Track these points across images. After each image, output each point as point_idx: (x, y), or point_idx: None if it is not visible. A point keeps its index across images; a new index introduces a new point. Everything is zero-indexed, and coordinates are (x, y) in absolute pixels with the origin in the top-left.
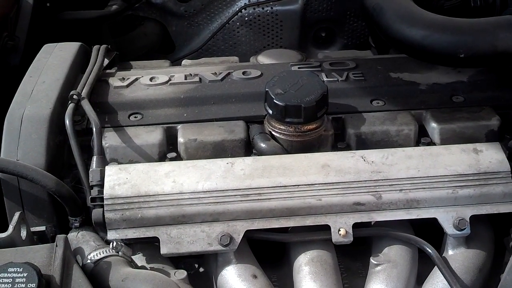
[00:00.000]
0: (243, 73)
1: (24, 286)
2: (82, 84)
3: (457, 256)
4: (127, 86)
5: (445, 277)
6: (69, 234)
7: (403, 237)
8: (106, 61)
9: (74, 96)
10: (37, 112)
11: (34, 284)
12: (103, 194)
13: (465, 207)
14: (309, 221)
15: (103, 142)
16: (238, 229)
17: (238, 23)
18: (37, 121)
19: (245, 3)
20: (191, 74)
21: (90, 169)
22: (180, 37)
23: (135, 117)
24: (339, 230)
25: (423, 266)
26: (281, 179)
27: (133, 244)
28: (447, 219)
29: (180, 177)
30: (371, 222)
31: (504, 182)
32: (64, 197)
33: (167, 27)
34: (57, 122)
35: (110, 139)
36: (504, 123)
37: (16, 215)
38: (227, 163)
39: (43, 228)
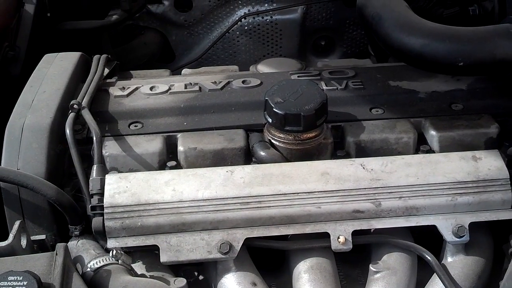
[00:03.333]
0: (243, 82)
1: None
2: (83, 94)
3: (456, 263)
4: (127, 95)
5: (444, 284)
6: (69, 243)
7: (402, 244)
8: (107, 71)
9: (75, 106)
10: (37, 122)
11: None
12: (103, 202)
13: (464, 214)
14: (309, 229)
15: (103, 151)
16: (238, 237)
17: (237, 32)
18: (37, 130)
19: (245, 13)
20: (191, 83)
21: (90, 178)
22: (180, 46)
23: (135, 126)
24: (338, 238)
25: (422, 273)
26: (280, 187)
27: (132, 252)
28: (446, 226)
29: (180, 186)
30: (370, 229)
31: (503, 189)
32: (64, 206)
33: (167, 37)
34: (57, 132)
35: (110, 148)
36: (503, 131)
37: (17, 223)
38: (227, 172)
39: (43, 236)
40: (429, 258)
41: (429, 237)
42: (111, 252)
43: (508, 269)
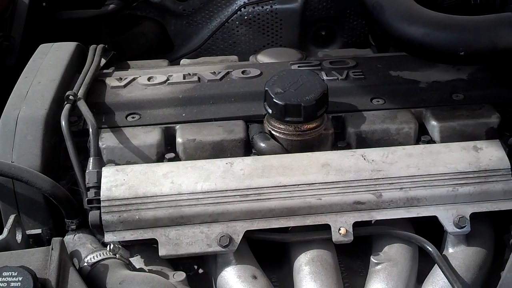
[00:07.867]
0: (243, 72)
1: None
2: (79, 85)
3: (457, 254)
4: (125, 86)
5: (445, 275)
6: (65, 237)
7: (403, 235)
8: (103, 61)
9: (70, 97)
10: (32, 113)
11: None
12: (99, 196)
13: (465, 205)
14: (309, 221)
15: (100, 143)
16: (238, 229)
17: (237, 22)
18: (32, 122)
19: (244, 2)
20: (189, 74)
21: (87, 171)
22: (179, 36)
23: (133, 118)
24: (339, 230)
25: (423, 264)
26: (281, 179)
27: (130, 246)
28: (447, 217)
29: (179, 178)
30: (371, 221)
31: (504, 180)
32: (60, 199)
33: (165, 26)
34: (52, 123)
35: (107, 140)
36: (504, 121)
37: (11, 218)
38: (226, 163)
39: (38, 231)
40: (430, 249)
41: (430, 228)
42: (108, 246)
43: (510, 260)
